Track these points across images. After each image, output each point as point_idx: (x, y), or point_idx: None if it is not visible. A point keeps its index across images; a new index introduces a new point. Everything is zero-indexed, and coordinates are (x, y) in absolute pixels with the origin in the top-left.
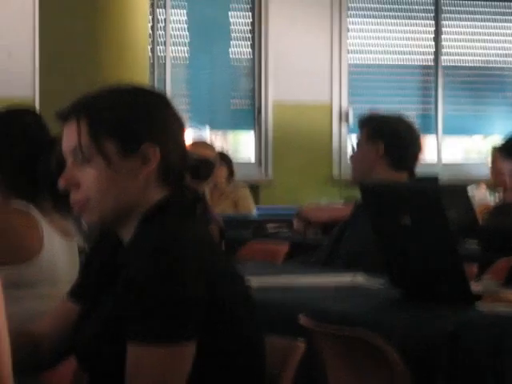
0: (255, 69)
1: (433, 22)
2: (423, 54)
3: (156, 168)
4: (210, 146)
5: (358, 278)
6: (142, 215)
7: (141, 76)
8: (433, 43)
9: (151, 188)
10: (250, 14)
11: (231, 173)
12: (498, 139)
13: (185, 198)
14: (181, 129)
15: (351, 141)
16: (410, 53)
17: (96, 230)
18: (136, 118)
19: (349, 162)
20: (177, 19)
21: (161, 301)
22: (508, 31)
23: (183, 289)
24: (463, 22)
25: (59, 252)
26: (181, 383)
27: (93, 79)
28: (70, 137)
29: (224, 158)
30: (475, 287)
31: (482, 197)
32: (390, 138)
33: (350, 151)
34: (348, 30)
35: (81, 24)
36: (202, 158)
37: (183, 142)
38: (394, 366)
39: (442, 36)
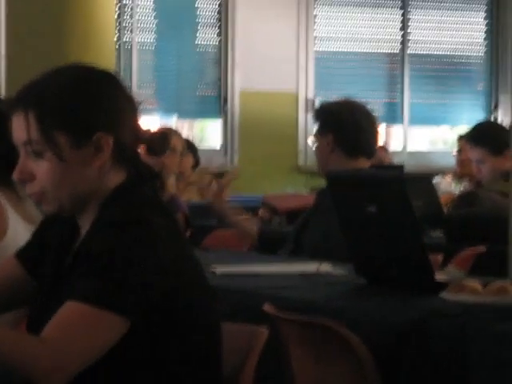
0: (222, 56)
1: (400, 10)
2: (390, 42)
3: (110, 154)
4: (177, 134)
5: (324, 267)
6: (101, 202)
7: (107, 63)
8: (400, 32)
9: (107, 173)
10: (217, 1)
11: (197, 161)
12: (464, 129)
13: (141, 179)
14: (133, 110)
15: None
16: (376, 41)
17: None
18: (86, 107)
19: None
20: (143, 5)
21: (113, 269)
22: (475, 21)
23: (141, 268)
24: (430, 11)
25: (23, 238)
26: (95, 349)
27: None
28: (19, 130)
29: (190, 146)
30: (440, 276)
31: (448, 187)
32: (337, 129)
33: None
34: (315, 19)
35: (47, 10)
36: (155, 133)
37: (136, 123)
38: (360, 355)
39: (409, 25)
